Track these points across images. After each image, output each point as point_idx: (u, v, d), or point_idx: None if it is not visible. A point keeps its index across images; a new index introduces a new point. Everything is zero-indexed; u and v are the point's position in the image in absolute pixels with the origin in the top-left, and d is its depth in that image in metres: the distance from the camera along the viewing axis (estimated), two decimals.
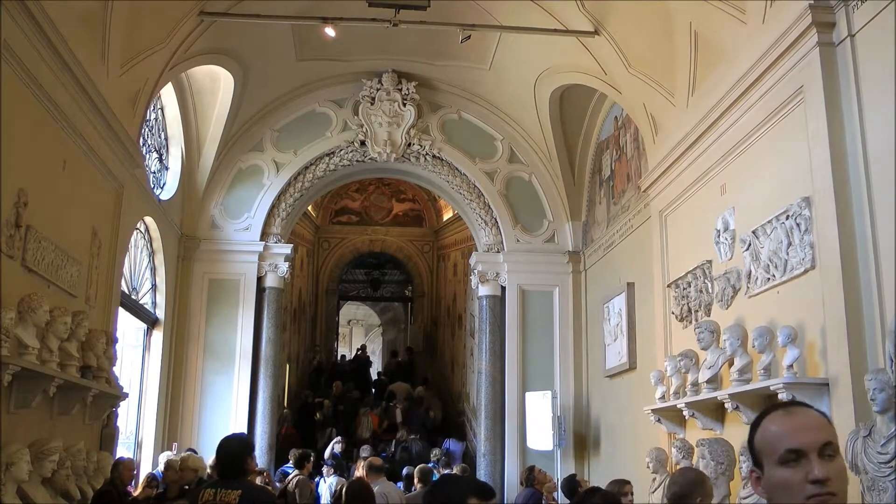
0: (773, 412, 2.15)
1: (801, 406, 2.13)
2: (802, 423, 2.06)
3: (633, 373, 11.78)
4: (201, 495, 5.55)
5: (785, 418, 2.09)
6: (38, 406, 7.68)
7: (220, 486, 5.56)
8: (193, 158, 14.15)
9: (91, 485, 8.29)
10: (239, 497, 5.43)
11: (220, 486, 5.56)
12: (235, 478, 5.62)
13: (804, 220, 7.02)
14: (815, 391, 6.58)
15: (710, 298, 8.96)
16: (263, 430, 13.93)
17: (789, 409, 2.13)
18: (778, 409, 2.16)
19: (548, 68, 12.98)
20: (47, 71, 7.90)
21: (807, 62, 7.04)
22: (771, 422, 2.12)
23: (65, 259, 8.55)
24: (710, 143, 8.98)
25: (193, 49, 11.42)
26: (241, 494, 5.44)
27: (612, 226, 13.04)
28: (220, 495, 5.44)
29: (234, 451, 5.79)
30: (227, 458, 5.76)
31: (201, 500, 5.49)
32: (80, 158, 9.04)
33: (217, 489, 5.50)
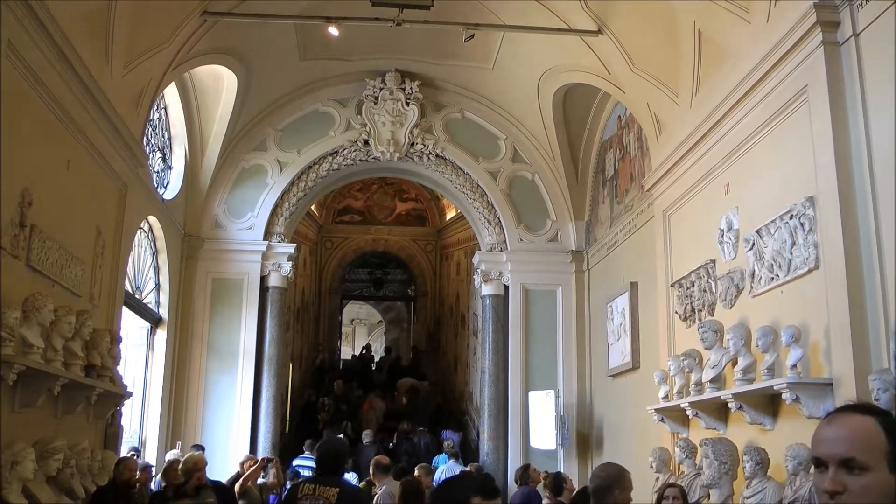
0: (829, 415, 2.16)
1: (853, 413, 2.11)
2: (831, 433, 2.07)
3: (636, 372, 11.79)
4: (301, 488, 6.04)
5: (823, 425, 2.11)
6: (43, 405, 7.71)
7: (318, 482, 6.03)
8: (197, 158, 14.16)
9: (95, 483, 8.30)
10: (337, 494, 5.88)
11: (319, 482, 6.02)
12: (334, 475, 6.14)
13: (808, 220, 7.01)
14: (818, 391, 6.58)
15: (713, 298, 8.96)
16: (266, 429, 13.93)
17: (836, 415, 2.14)
18: (832, 413, 2.17)
19: (551, 67, 12.97)
20: (51, 70, 7.91)
21: (811, 61, 7.04)
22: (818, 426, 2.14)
23: (69, 258, 8.56)
24: (714, 143, 8.98)
25: (197, 49, 11.42)
26: (339, 492, 5.90)
27: (616, 225, 13.04)
28: (319, 490, 5.90)
29: (335, 452, 6.37)
30: (328, 458, 6.30)
31: (301, 492, 5.96)
32: (84, 158, 9.05)
33: (316, 485, 5.97)
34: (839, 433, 2.06)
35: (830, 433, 2.07)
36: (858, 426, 2.06)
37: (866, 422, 2.06)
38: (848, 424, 2.07)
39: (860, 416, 2.09)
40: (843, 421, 2.09)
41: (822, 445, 2.07)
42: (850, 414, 2.11)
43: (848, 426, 2.07)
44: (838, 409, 2.18)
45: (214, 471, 11.41)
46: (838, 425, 2.08)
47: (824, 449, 2.05)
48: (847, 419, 2.09)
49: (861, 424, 2.06)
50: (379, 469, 9.70)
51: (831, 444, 2.05)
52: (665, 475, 8.99)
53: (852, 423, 2.07)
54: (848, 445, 2.02)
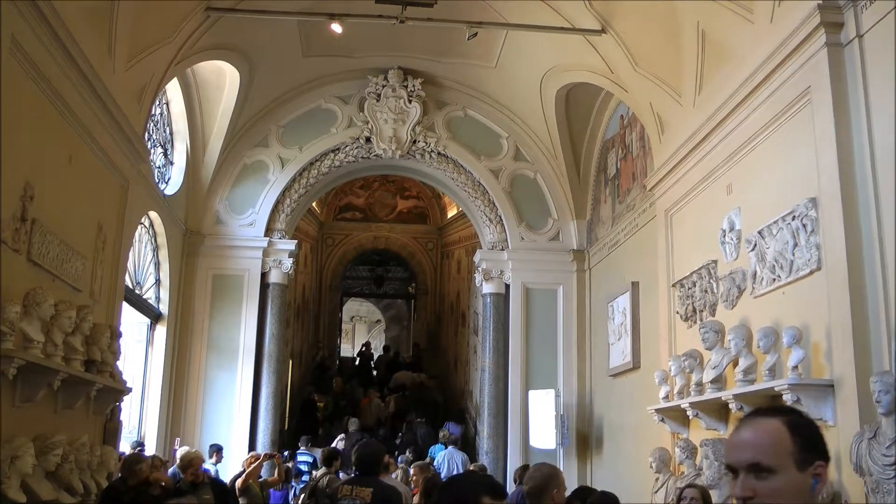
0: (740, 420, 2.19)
1: (760, 416, 2.14)
2: (738, 439, 2.10)
3: (636, 372, 11.79)
4: (340, 490, 6.50)
5: (733, 432, 2.15)
6: (43, 400, 7.71)
7: (355, 482, 6.48)
8: (198, 154, 14.16)
9: (94, 479, 8.30)
10: (371, 494, 6.29)
11: (356, 482, 6.47)
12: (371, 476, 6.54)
13: (810, 221, 7.02)
14: (819, 392, 6.58)
15: (714, 298, 8.96)
16: (266, 427, 13.94)
17: (744, 421, 2.16)
18: (743, 418, 2.20)
19: (554, 66, 12.97)
20: (54, 65, 7.91)
21: (814, 63, 7.04)
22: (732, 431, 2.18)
23: (70, 253, 8.57)
24: (717, 143, 8.98)
25: (199, 44, 11.43)
26: (373, 492, 6.31)
27: (617, 225, 13.03)
28: (355, 491, 6.33)
29: (371, 453, 6.74)
30: (366, 459, 6.65)
31: (341, 493, 6.41)
32: (85, 153, 9.06)
33: (353, 486, 6.42)
34: (745, 438, 2.09)
35: (736, 439, 2.11)
36: (763, 429, 2.08)
37: (771, 424, 2.09)
38: (753, 428, 2.10)
39: (766, 418, 2.11)
40: (749, 425, 2.12)
41: (730, 452, 2.10)
42: (756, 417, 2.14)
43: (753, 430, 2.09)
44: (747, 414, 2.20)
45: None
46: (744, 430, 2.11)
47: (732, 455, 2.09)
48: (753, 423, 2.12)
49: (766, 427, 2.08)
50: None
51: (738, 450, 2.08)
52: (665, 476, 9.00)
53: (757, 427, 2.10)
54: (753, 450, 2.04)
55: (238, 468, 11.52)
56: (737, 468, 2.05)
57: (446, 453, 14.41)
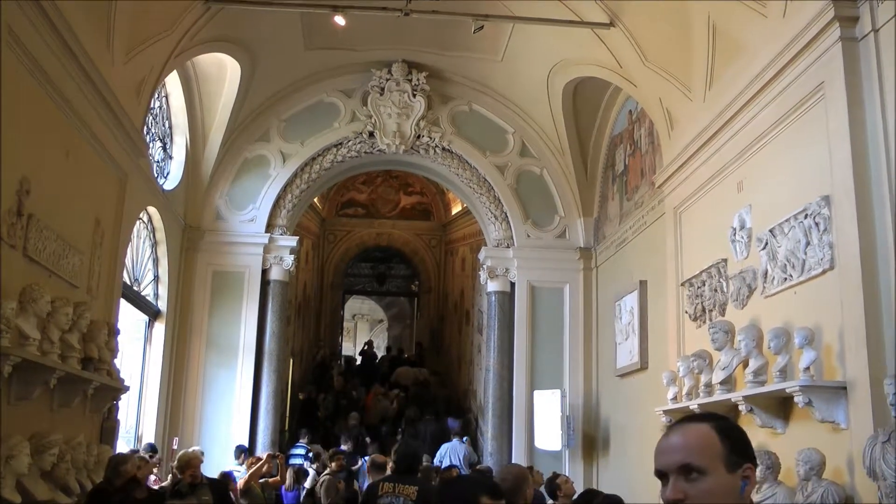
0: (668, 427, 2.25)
1: (685, 424, 2.18)
2: (665, 444, 2.14)
3: (644, 373, 11.76)
4: (381, 486, 6.75)
5: (661, 439, 2.18)
6: (39, 398, 7.70)
7: (397, 480, 6.76)
8: (198, 148, 14.15)
9: (91, 479, 8.30)
10: (416, 492, 6.58)
11: (398, 480, 6.75)
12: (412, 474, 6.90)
13: (823, 220, 6.99)
14: (832, 395, 6.55)
15: (724, 298, 8.93)
16: (266, 426, 13.94)
17: (672, 427, 2.21)
18: (671, 425, 2.25)
19: (561, 60, 12.95)
20: (51, 58, 7.90)
21: (828, 58, 7.01)
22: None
23: (67, 249, 8.56)
24: (728, 139, 8.95)
25: (200, 36, 11.41)
26: (418, 490, 6.61)
27: (625, 222, 13.01)
28: (398, 489, 6.60)
29: (412, 452, 7.15)
30: (406, 458, 7.00)
31: (381, 490, 6.66)
32: (83, 147, 9.05)
33: (395, 483, 6.69)
34: (675, 442, 2.13)
35: (666, 444, 2.15)
36: (692, 433, 2.13)
37: (700, 428, 2.14)
38: (682, 433, 2.15)
39: (695, 423, 2.17)
40: (678, 430, 2.17)
41: (659, 457, 2.14)
42: (685, 423, 2.19)
43: (682, 434, 2.14)
44: (676, 422, 2.26)
45: (213, 467, 11.44)
46: (673, 435, 2.16)
47: (662, 460, 2.12)
48: (682, 428, 2.17)
49: (695, 431, 2.14)
50: (374, 467, 9.80)
51: (667, 453, 2.12)
52: None
53: (686, 431, 2.15)
54: (683, 452, 2.09)
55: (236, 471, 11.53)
56: (666, 472, 2.10)
57: (449, 446, 14.77)
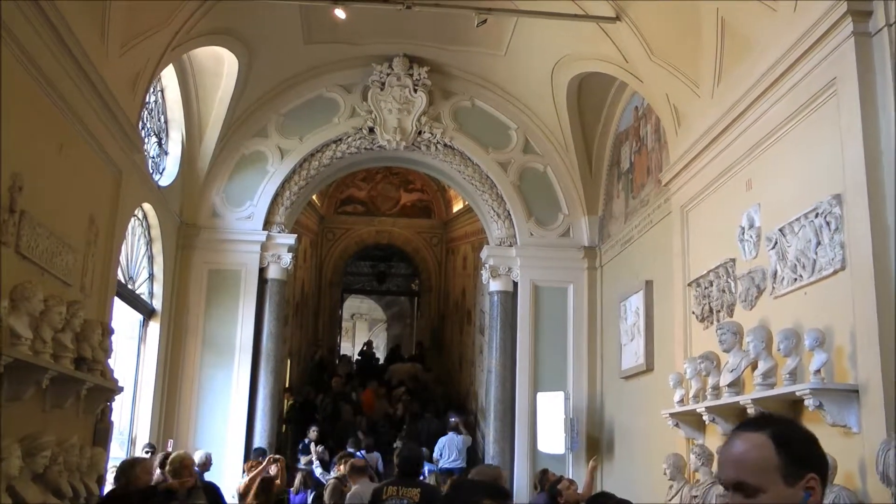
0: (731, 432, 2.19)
1: (746, 430, 2.13)
2: (725, 456, 2.11)
3: (650, 374, 11.75)
4: (384, 490, 7.04)
5: (723, 445, 2.15)
6: (31, 399, 7.67)
7: (401, 483, 7.05)
8: (194, 143, 14.13)
9: (84, 481, 8.27)
10: (420, 494, 6.88)
11: (401, 483, 7.05)
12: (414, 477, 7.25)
13: (834, 219, 6.96)
14: (843, 398, 6.52)
15: (732, 298, 8.91)
16: (263, 428, 13.92)
17: (733, 434, 2.16)
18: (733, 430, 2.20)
19: (566, 55, 12.92)
20: (45, 51, 7.87)
21: (840, 53, 6.98)
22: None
23: (60, 246, 8.54)
24: (736, 136, 8.92)
25: (197, 29, 11.38)
26: (420, 492, 6.93)
27: (631, 221, 12.99)
28: (402, 491, 6.88)
29: (414, 456, 7.53)
30: (409, 462, 7.34)
31: (385, 494, 6.94)
32: (77, 142, 9.02)
33: (399, 486, 6.97)
34: (730, 455, 2.09)
35: (724, 455, 2.12)
36: (748, 446, 2.07)
37: (757, 439, 2.08)
38: (738, 444, 2.10)
39: (751, 432, 2.10)
40: (735, 441, 2.11)
41: (719, 469, 2.11)
42: (743, 431, 2.13)
43: (738, 446, 2.09)
44: (738, 426, 2.20)
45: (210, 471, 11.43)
46: (731, 446, 2.11)
47: (720, 473, 2.10)
48: (740, 437, 2.11)
49: (751, 443, 2.08)
50: (354, 471, 9.96)
51: (724, 467, 2.09)
52: (680, 483, 8.96)
53: (743, 443, 2.09)
54: (736, 469, 2.05)
55: (232, 473, 11.51)
56: (726, 485, 2.07)
57: (447, 438, 15.58)
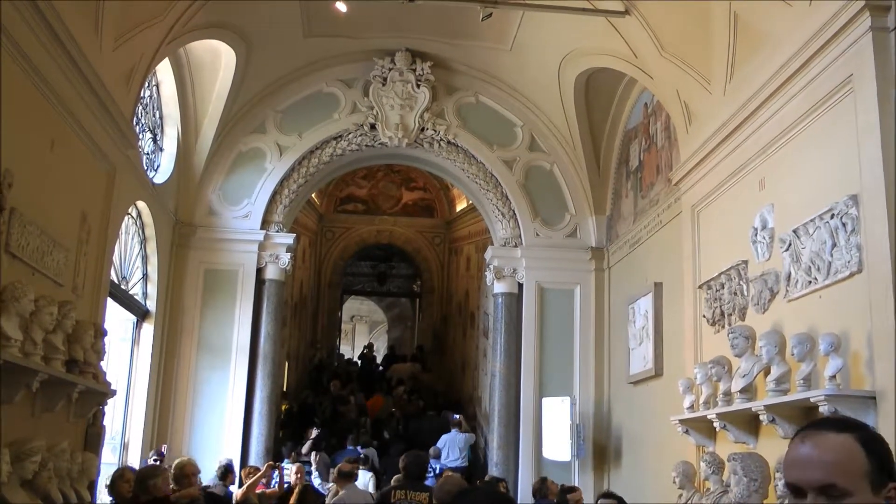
0: (800, 433, 2.11)
1: (828, 430, 2.06)
2: (806, 455, 2.02)
3: (659, 380, 11.73)
4: (393, 494, 7.40)
5: (796, 445, 2.06)
6: (20, 402, 7.65)
7: (408, 487, 7.38)
8: (190, 140, 14.11)
9: (75, 488, 8.25)
10: (428, 498, 7.14)
11: (409, 487, 7.37)
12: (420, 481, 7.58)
13: (851, 220, 6.94)
14: (859, 405, 6.50)
15: (745, 301, 8.89)
16: (260, 433, 13.91)
17: (809, 432, 2.08)
18: (804, 430, 2.11)
19: (573, 50, 12.90)
20: (36, 43, 7.85)
21: (858, 48, 6.95)
22: (790, 445, 2.09)
23: (51, 245, 8.52)
24: (749, 135, 8.90)
25: (193, 22, 11.36)
26: (429, 496, 7.13)
27: (640, 221, 12.96)
28: (410, 495, 7.22)
29: (421, 461, 7.90)
30: (415, 466, 7.64)
31: (393, 498, 7.27)
32: (69, 138, 9.01)
33: (406, 490, 7.31)
34: (816, 455, 2.01)
35: (806, 456, 2.02)
36: (836, 446, 2.01)
37: (845, 440, 2.02)
38: (825, 445, 2.02)
39: (836, 433, 2.04)
40: (819, 441, 2.04)
41: (798, 470, 2.01)
42: (826, 432, 2.06)
43: (825, 447, 2.02)
44: (811, 426, 2.11)
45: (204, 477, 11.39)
46: (814, 446, 2.03)
47: (801, 474, 2.00)
48: (823, 438, 2.04)
49: (839, 444, 2.01)
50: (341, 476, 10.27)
51: (808, 468, 2.00)
52: (689, 492, 8.94)
53: (829, 444, 2.02)
54: (827, 470, 1.97)
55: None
56: (805, 489, 1.98)
57: (449, 436, 15.90)
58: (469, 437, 16.14)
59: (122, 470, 8.61)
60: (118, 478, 8.25)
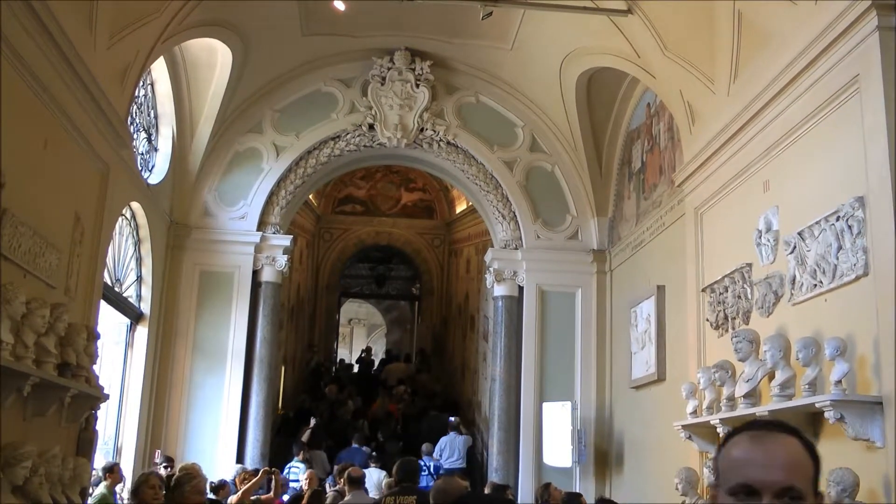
0: (745, 432, 2.07)
1: (780, 432, 2.04)
2: (765, 455, 1.99)
3: (661, 384, 11.71)
4: (383, 501, 7.72)
5: (750, 444, 2.02)
6: (11, 406, 7.63)
7: (398, 493, 7.62)
8: (186, 139, 14.09)
9: (66, 494, 8.22)
10: (415, 501, 7.42)
11: (399, 492, 7.61)
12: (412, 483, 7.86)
13: (857, 222, 6.92)
14: (866, 410, 6.48)
15: (749, 305, 8.87)
16: (256, 438, 13.88)
17: (761, 433, 2.05)
18: (751, 430, 2.08)
19: (575, 49, 12.89)
20: (29, 41, 7.83)
21: (864, 48, 6.94)
22: (736, 444, 2.05)
23: (44, 246, 8.49)
24: (753, 135, 8.89)
25: (189, 20, 11.34)
26: (416, 499, 7.45)
27: (642, 223, 12.95)
28: (399, 500, 7.46)
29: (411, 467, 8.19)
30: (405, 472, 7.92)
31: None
32: (62, 137, 8.99)
33: (396, 496, 7.55)
34: (778, 457, 1.98)
35: (766, 456, 1.99)
36: (792, 449, 2.00)
37: (797, 443, 2.01)
38: (784, 446, 2.00)
39: (787, 435, 2.02)
40: (776, 441, 2.01)
41: (757, 470, 1.97)
42: (777, 433, 2.03)
43: (784, 448, 2.00)
44: (757, 425, 2.09)
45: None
46: (772, 447, 2.00)
47: (762, 474, 1.96)
48: (779, 439, 2.02)
49: (794, 446, 2.00)
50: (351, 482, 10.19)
51: (770, 469, 1.96)
52: (692, 498, 8.92)
53: (787, 445, 2.01)
54: (788, 472, 1.95)
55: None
56: (761, 490, 1.94)
57: (448, 438, 16.02)
58: (467, 439, 16.25)
59: (146, 476, 8.31)
60: (142, 483, 7.71)
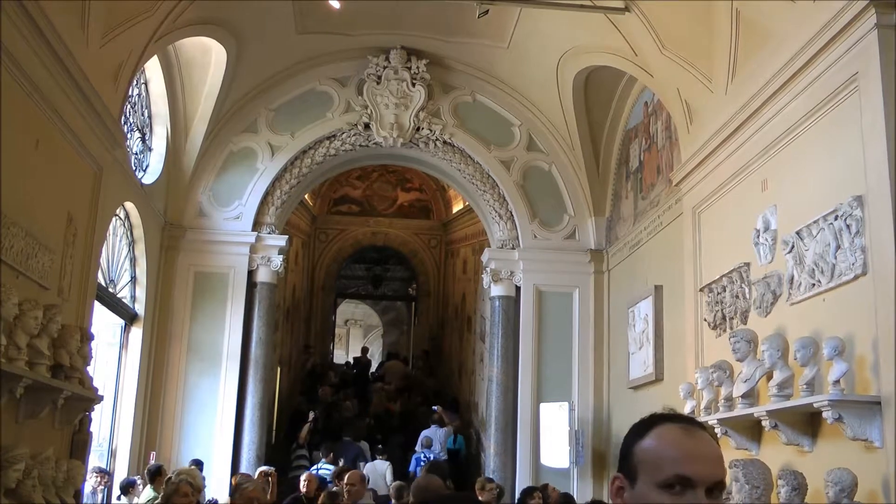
0: (670, 424, 2.08)
1: (697, 427, 2.06)
2: (702, 451, 2.00)
3: (659, 385, 11.72)
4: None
5: (684, 438, 2.02)
6: (4, 409, 7.62)
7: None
8: (180, 139, 14.08)
9: (60, 496, 8.22)
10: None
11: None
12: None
13: (855, 222, 6.93)
14: (864, 410, 6.48)
15: (747, 305, 8.88)
16: (251, 440, 13.86)
17: (688, 427, 2.06)
18: (675, 422, 2.08)
19: (572, 48, 12.89)
20: (20, 40, 7.83)
21: (863, 46, 6.94)
22: (665, 436, 2.05)
23: (36, 247, 8.49)
24: (751, 134, 8.90)
25: (183, 18, 11.33)
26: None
27: (640, 222, 12.96)
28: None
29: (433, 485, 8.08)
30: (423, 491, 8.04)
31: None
32: (55, 137, 8.98)
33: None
34: (710, 451, 2.01)
35: (702, 450, 2.00)
36: (714, 444, 2.04)
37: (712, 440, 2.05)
38: (709, 441, 2.03)
39: (703, 430, 2.05)
40: (704, 437, 2.03)
41: (697, 464, 1.98)
42: (699, 428, 2.06)
43: (711, 443, 2.03)
44: (678, 419, 2.10)
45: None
46: (702, 441, 2.02)
47: (702, 469, 1.97)
48: (704, 435, 2.04)
49: (713, 443, 2.04)
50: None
51: (707, 463, 1.98)
52: None
53: (711, 441, 2.04)
54: (720, 466, 1.99)
55: (219, 488, 11.44)
56: (697, 484, 1.95)
57: (428, 432, 16.47)
58: (448, 430, 16.73)
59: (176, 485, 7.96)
60: (173, 493, 7.29)
